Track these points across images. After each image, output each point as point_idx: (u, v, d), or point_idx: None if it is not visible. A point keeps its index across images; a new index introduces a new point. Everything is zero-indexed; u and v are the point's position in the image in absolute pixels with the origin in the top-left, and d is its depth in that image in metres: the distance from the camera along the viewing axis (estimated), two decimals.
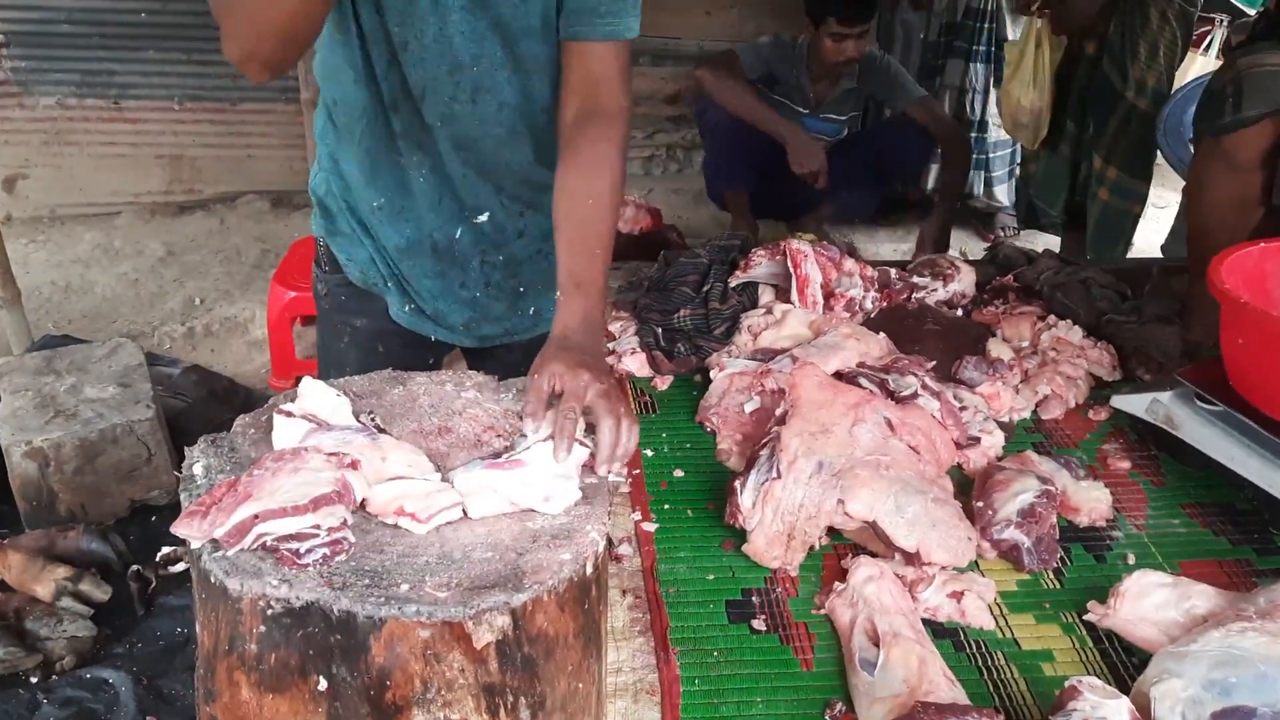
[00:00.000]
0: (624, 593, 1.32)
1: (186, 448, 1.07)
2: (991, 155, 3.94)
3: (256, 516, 0.93)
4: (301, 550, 0.92)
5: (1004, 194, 4.02)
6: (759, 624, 1.28)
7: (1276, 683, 1.05)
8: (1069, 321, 1.89)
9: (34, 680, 1.85)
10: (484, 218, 1.48)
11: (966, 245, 3.97)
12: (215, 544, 0.93)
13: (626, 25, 1.33)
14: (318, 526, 0.93)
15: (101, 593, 2.01)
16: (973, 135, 3.90)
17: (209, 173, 4.24)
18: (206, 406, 2.70)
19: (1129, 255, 3.12)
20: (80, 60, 4.02)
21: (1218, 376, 1.52)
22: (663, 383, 1.80)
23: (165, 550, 2.12)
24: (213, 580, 0.91)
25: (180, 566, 2.14)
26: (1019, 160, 3.98)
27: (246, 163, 4.22)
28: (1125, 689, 1.13)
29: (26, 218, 4.09)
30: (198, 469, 1.04)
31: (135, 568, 2.08)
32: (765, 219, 3.64)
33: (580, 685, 0.98)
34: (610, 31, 1.32)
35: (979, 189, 4.01)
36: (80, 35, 3.98)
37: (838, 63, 3.27)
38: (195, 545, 0.94)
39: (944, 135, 3.44)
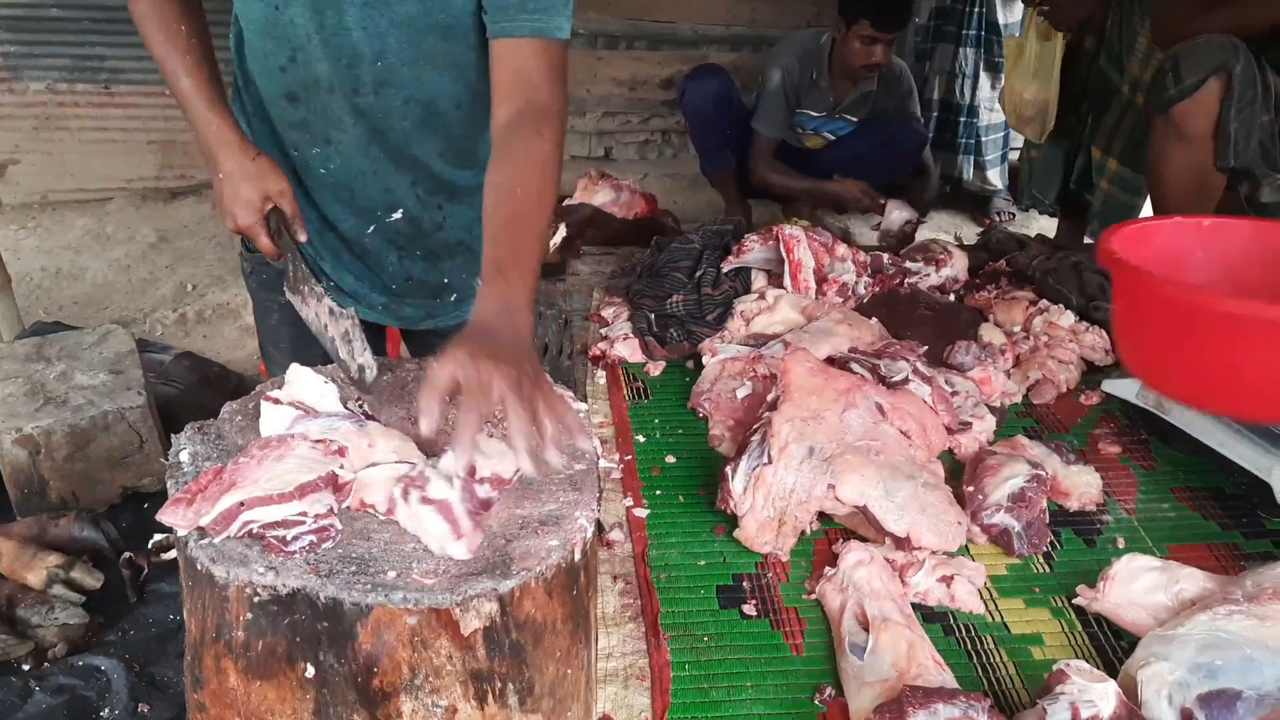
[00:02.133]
0: (615, 578, 1.32)
1: (174, 435, 1.06)
2: (984, 139, 3.93)
3: (242, 504, 0.92)
4: (288, 537, 0.92)
5: (997, 177, 4.01)
6: (749, 609, 1.28)
7: (1262, 666, 1.06)
8: (1060, 306, 1.89)
9: (26, 668, 1.85)
10: (398, 215, 1.45)
11: (962, 229, 3.96)
12: (201, 531, 0.93)
13: (556, 24, 1.28)
14: (304, 513, 0.93)
15: (93, 580, 2.00)
16: (962, 120, 3.90)
17: (201, 158, 4.19)
18: (198, 393, 2.68)
19: None
20: (71, 45, 3.97)
21: None
22: (655, 368, 1.80)
23: (157, 537, 2.10)
24: (199, 567, 0.91)
25: (172, 554, 2.14)
26: (1010, 145, 3.97)
27: None
28: (1114, 672, 1.13)
29: (17, 204, 4.06)
30: (184, 456, 1.03)
31: (127, 555, 2.06)
32: (759, 199, 3.64)
33: (569, 671, 0.98)
34: (537, 29, 1.27)
35: (969, 173, 4.00)
36: (70, 19, 3.94)
37: (863, 65, 3.27)
38: (181, 533, 0.94)
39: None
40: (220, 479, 0.95)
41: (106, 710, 1.80)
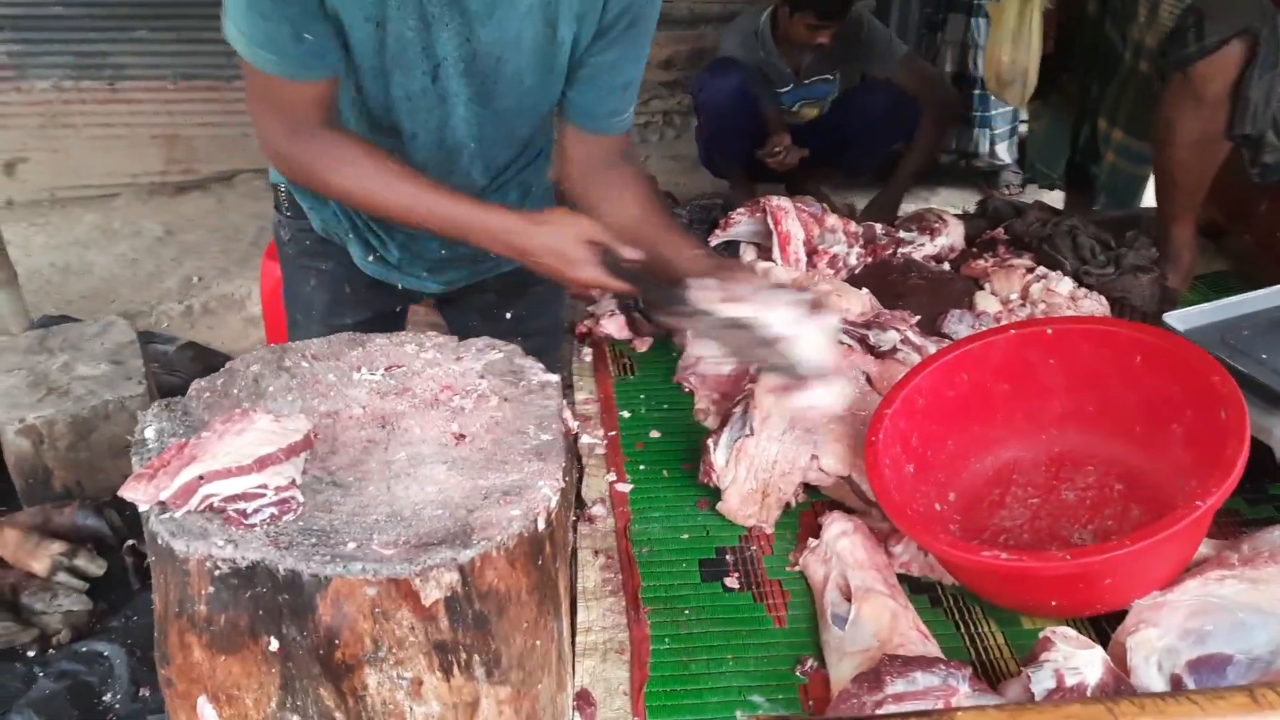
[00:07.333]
0: (596, 553, 1.31)
1: (139, 412, 1.06)
2: (994, 113, 3.86)
3: (201, 478, 0.91)
4: (249, 510, 0.91)
5: (1005, 151, 3.94)
6: (732, 582, 1.26)
7: (1254, 630, 1.03)
8: (1059, 273, 1.85)
9: (30, 654, 1.87)
10: None
11: (970, 204, 3.90)
12: (163, 506, 0.92)
13: (627, 120, 1.42)
14: (265, 486, 0.92)
15: (97, 567, 2.02)
16: (976, 92, 3.82)
17: (206, 152, 4.22)
18: None
19: None
20: (74, 42, 4.01)
21: (1205, 323, 1.48)
22: (642, 344, 1.78)
23: None
24: (160, 542, 0.91)
25: None
26: (1020, 118, 3.90)
27: (243, 140, 4.19)
28: (1106, 641, 1.11)
29: (26, 201, 4.10)
30: (149, 433, 1.03)
31: (130, 542, 2.08)
32: (764, 183, 3.59)
33: (538, 642, 0.97)
34: (614, 127, 1.42)
35: (984, 148, 3.93)
36: (73, 17, 3.97)
37: (810, 45, 3.25)
38: (143, 508, 0.93)
39: (925, 93, 3.37)
40: (182, 454, 0.95)
41: (108, 695, 1.82)
